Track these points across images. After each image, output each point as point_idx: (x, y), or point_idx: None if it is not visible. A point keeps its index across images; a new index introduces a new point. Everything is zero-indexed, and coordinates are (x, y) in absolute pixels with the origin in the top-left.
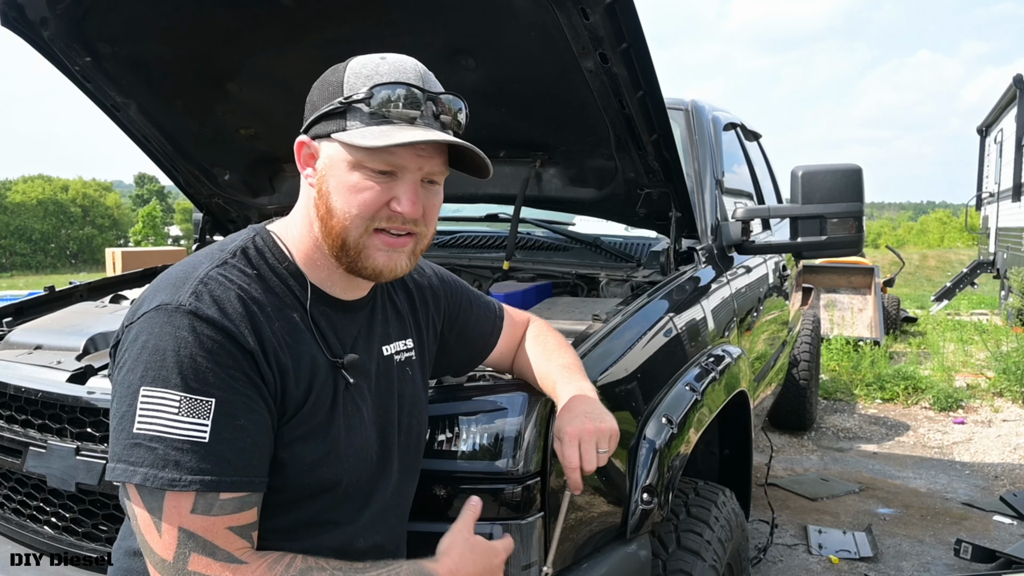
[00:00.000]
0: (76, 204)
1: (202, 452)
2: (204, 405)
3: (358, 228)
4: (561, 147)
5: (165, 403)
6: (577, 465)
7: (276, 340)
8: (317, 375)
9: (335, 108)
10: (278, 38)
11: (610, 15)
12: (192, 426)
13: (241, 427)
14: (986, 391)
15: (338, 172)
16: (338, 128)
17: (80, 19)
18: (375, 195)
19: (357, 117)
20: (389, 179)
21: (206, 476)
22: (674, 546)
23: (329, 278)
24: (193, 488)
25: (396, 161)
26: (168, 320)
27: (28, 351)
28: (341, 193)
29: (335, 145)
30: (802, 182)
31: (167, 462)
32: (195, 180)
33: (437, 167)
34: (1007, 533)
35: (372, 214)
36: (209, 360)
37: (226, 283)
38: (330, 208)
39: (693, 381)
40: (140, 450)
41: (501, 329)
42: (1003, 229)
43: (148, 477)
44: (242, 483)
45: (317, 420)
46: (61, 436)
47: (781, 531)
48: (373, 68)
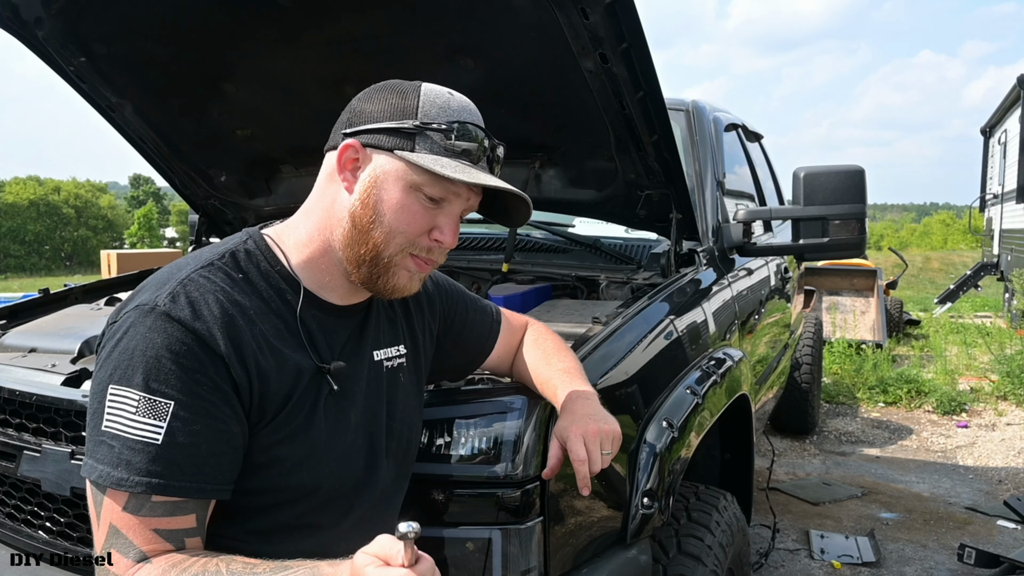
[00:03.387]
0: (69, 205)
1: (153, 453)
2: (162, 407)
3: (398, 247)
4: (561, 148)
5: (126, 402)
6: (586, 458)
7: (256, 344)
8: (300, 379)
9: (407, 128)
10: (275, 38)
11: (610, 15)
12: (147, 427)
13: (197, 432)
14: (990, 394)
15: (393, 188)
16: (405, 147)
17: (75, 19)
18: (424, 219)
19: (428, 143)
20: (435, 207)
21: (153, 478)
22: (675, 551)
23: (330, 283)
24: (139, 490)
25: (453, 191)
26: (142, 320)
27: (22, 354)
28: (392, 208)
29: (396, 162)
30: (804, 183)
31: (120, 461)
32: (191, 182)
33: (476, 206)
34: (1011, 538)
35: (416, 237)
36: (174, 362)
37: (206, 285)
38: (375, 219)
39: (694, 384)
40: (103, 447)
41: (499, 332)
42: (1007, 231)
43: (102, 475)
44: (186, 489)
45: (296, 424)
46: (56, 440)
47: (783, 536)
48: (446, 101)
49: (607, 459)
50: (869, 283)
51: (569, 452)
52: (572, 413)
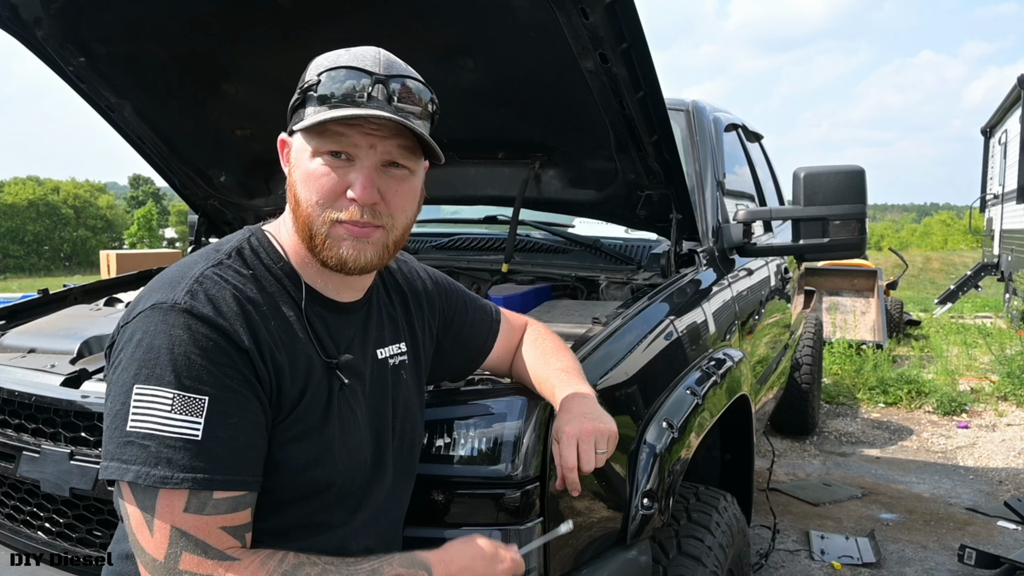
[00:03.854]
0: (68, 205)
1: (195, 450)
2: (197, 403)
3: (319, 216)
4: (560, 148)
5: (158, 401)
6: (574, 465)
7: (272, 339)
8: (312, 375)
9: (296, 100)
10: (274, 38)
11: (610, 15)
12: (185, 424)
13: (235, 425)
14: (990, 395)
15: (301, 161)
16: (298, 119)
17: (74, 19)
18: (331, 181)
19: (311, 105)
20: (346, 164)
21: (198, 474)
22: (675, 552)
23: (319, 276)
24: (185, 486)
25: (347, 141)
26: (163, 319)
27: (22, 355)
28: (303, 181)
29: (298, 136)
30: (804, 184)
31: (159, 460)
32: (191, 182)
33: (393, 149)
34: (1011, 538)
35: (330, 201)
36: (203, 358)
37: (221, 282)
38: (296, 198)
39: (694, 385)
40: (133, 448)
41: (498, 332)
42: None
43: (140, 475)
44: (235, 482)
45: (311, 420)
46: (55, 440)
47: (783, 536)
48: (333, 58)
49: (602, 458)
50: (869, 283)
51: (556, 459)
52: (568, 412)
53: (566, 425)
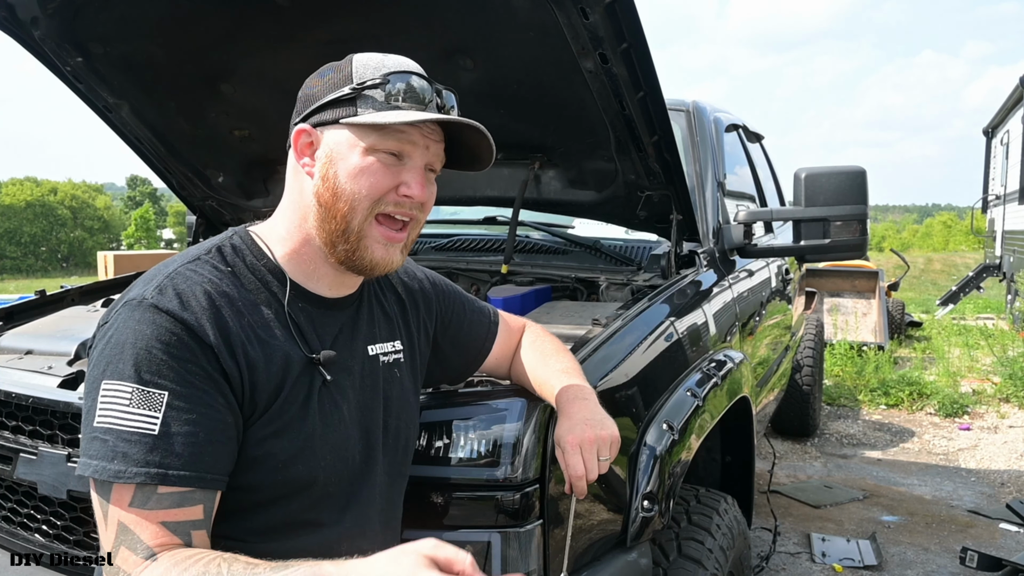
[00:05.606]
0: (65, 206)
1: (150, 444)
2: (156, 397)
3: (364, 210)
4: (560, 149)
5: (119, 395)
6: (582, 474)
7: (244, 335)
8: (290, 371)
9: (345, 95)
10: (273, 38)
11: (610, 15)
12: (142, 418)
13: (194, 421)
14: (992, 397)
15: (348, 156)
16: (348, 114)
17: (71, 19)
18: (385, 177)
19: (369, 104)
20: (397, 163)
21: (151, 468)
22: (675, 554)
23: (315, 274)
24: (138, 480)
25: (408, 140)
26: (131, 315)
27: (19, 356)
28: (351, 175)
29: (343, 131)
30: (805, 184)
31: (116, 454)
32: (188, 182)
33: (440, 153)
34: (1013, 541)
35: (381, 195)
36: (164, 352)
37: (193, 277)
38: (337, 192)
39: (694, 387)
40: (96, 443)
41: (496, 334)
42: (1009, 232)
43: (98, 469)
44: (189, 478)
45: (289, 416)
46: (52, 442)
47: (784, 539)
48: (380, 61)
49: (605, 465)
50: (871, 285)
51: (564, 468)
52: (569, 418)
53: (568, 434)
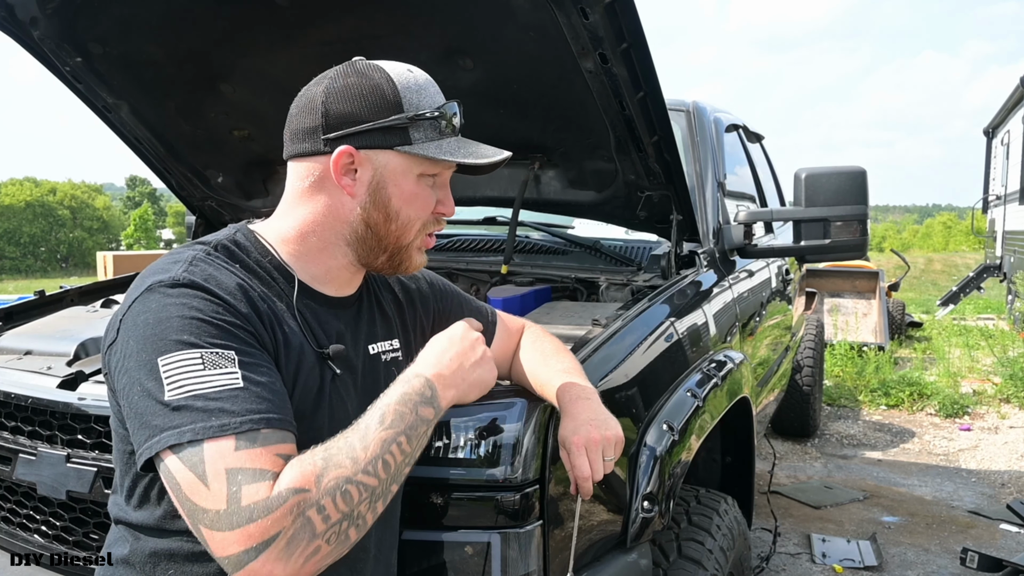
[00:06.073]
0: (64, 206)
1: (243, 395)
2: (226, 356)
3: (418, 232)
4: (560, 149)
5: (188, 364)
6: (588, 475)
7: (270, 317)
8: (304, 362)
9: (401, 123)
10: (272, 38)
11: (610, 14)
12: (222, 376)
13: (265, 372)
14: (993, 397)
15: (403, 181)
16: (402, 141)
17: (71, 19)
18: (432, 199)
19: (421, 132)
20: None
21: (255, 415)
22: (675, 555)
23: (324, 276)
24: (246, 427)
25: (447, 165)
26: (165, 294)
27: (18, 356)
28: (405, 200)
29: (399, 157)
30: (805, 184)
31: (211, 412)
32: (188, 183)
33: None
34: (1014, 542)
35: (428, 216)
36: (214, 319)
37: (215, 263)
38: (389, 214)
39: (695, 387)
40: (182, 413)
41: (494, 334)
42: (1010, 232)
43: (198, 431)
44: (284, 421)
45: (303, 407)
46: (51, 443)
47: (784, 540)
48: (419, 86)
49: (610, 464)
50: (871, 285)
51: (572, 468)
52: (574, 419)
53: (573, 435)
